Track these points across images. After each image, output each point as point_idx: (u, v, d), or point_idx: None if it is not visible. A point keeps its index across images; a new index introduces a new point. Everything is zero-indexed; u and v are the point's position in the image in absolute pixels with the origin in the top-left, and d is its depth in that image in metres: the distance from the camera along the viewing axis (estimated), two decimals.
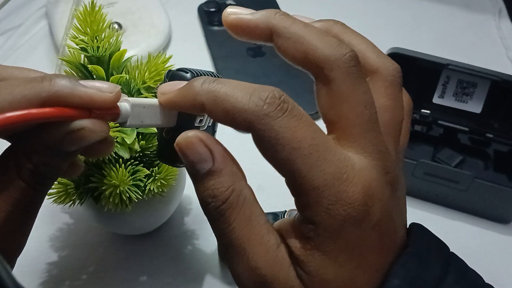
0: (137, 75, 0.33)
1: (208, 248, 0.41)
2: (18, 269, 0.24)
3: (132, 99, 0.23)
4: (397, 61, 0.26)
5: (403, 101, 0.26)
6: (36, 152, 0.23)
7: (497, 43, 0.59)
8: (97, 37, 0.32)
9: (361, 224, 0.22)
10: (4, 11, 0.59)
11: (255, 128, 0.21)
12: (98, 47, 0.31)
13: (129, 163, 0.32)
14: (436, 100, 0.46)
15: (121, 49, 0.32)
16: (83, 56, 0.32)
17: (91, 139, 0.23)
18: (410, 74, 0.40)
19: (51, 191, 0.32)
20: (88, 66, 0.32)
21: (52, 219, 0.42)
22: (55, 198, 0.32)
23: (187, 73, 0.25)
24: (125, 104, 0.23)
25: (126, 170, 0.32)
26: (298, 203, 0.23)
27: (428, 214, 0.44)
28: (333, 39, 0.23)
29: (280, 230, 0.23)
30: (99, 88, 0.22)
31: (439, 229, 0.26)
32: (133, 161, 0.33)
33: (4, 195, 0.23)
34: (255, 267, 0.22)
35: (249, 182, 0.24)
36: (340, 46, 0.23)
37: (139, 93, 0.33)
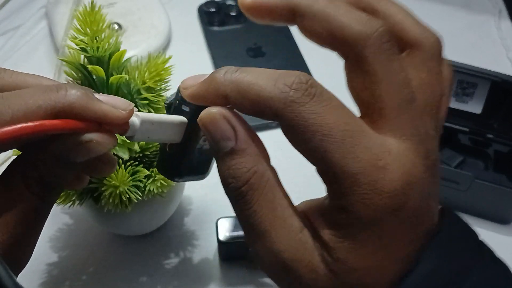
0: (137, 75, 0.33)
1: (208, 248, 0.41)
2: None
3: (142, 114, 0.23)
4: None
5: (444, 75, 0.24)
6: (42, 162, 0.23)
7: (497, 43, 0.59)
8: (97, 37, 0.32)
9: (398, 214, 0.20)
10: (4, 11, 0.59)
11: (282, 116, 0.20)
12: (98, 48, 0.31)
13: (129, 163, 0.32)
14: None
15: (121, 49, 0.32)
16: (83, 56, 0.32)
17: (99, 151, 0.22)
18: None
19: None
20: (88, 66, 0.32)
21: (52, 219, 0.42)
22: None
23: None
24: (135, 119, 0.23)
25: (126, 170, 0.32)
26: (330, 191, 0.21)
27: None
28: (362, 14, 0.21)
29: (306, 213, 0.23)
30: (113, 105, 0.22)
31: None
32: (133, 161, 0.33)
33: (11, 205, 0.22)
34: (278, 250, 0.21)
35: None
36: (371, 21, 0.21)
37: (139, 93, 0.33)
